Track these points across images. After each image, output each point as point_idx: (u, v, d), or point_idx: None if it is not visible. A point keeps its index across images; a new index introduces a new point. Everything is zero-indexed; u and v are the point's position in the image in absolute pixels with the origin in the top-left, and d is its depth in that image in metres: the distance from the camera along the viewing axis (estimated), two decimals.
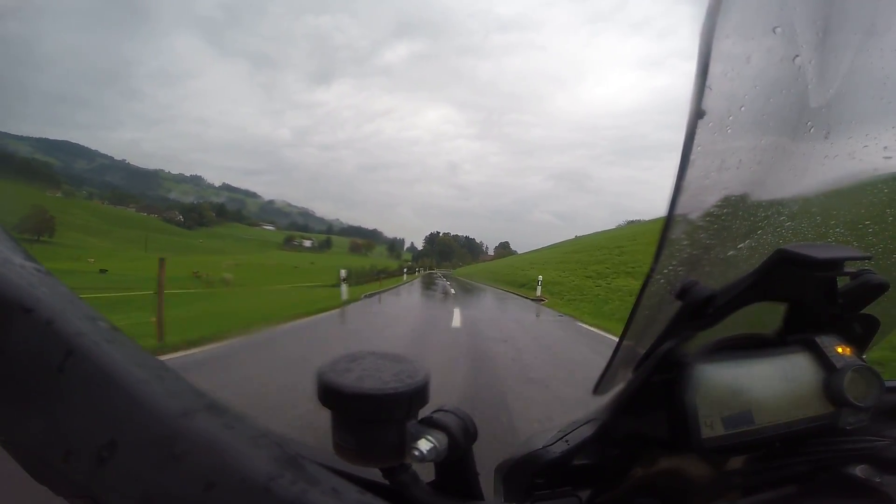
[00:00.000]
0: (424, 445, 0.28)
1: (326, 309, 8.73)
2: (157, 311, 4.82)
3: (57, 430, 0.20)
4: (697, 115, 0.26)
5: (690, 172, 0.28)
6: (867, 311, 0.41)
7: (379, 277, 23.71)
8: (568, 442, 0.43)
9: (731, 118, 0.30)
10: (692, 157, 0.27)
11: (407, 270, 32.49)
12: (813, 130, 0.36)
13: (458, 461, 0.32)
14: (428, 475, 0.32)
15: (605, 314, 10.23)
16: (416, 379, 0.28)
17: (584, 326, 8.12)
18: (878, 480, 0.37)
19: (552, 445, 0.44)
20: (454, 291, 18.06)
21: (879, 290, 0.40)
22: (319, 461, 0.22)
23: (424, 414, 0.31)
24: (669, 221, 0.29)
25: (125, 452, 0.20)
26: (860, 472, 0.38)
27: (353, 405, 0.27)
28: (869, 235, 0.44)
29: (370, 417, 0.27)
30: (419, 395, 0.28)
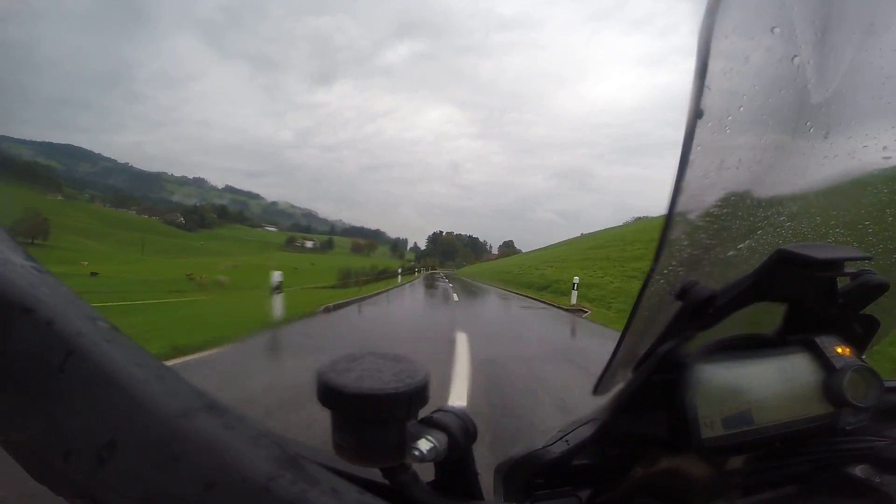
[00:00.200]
0: (424, 445, 0.28)
1: (248, 332, 5.56)
2: None
3: (57, 429, 0.20)
4: (696, 114, 0.26)
5: (690, 172, 0.28)
6: (867, 311, 0.41)
7: (359, 282, 17.08)
8: (568, 442, 0.43)
9: (730, 118, 0.30)
10: (691, 157, 0.27)
11: (402, 271, 26.35)
12: (812, 130, 0.36)
13: (457, 461, 0.32)
14: (428, 475, 0.32)
15: None
16: (416, 379, 0.28)
17: None
18: (878, 480, 0.37)
19: (552, 445, 0.44)
20: (457, 298, 13.93)
21: (879, 290, 0.40)
22: (319, 461, 0.22)
23: (424, 414, 0.31)
24: (669, 221, 0.29)
25: (125, 452, 0.20)
26: (860, 472, 0.38)
27: (353, 405, 0.27)
28: (869, 235, 0.44)
29: (370, 417, 0.27)
30: (419, 395, 0.28)
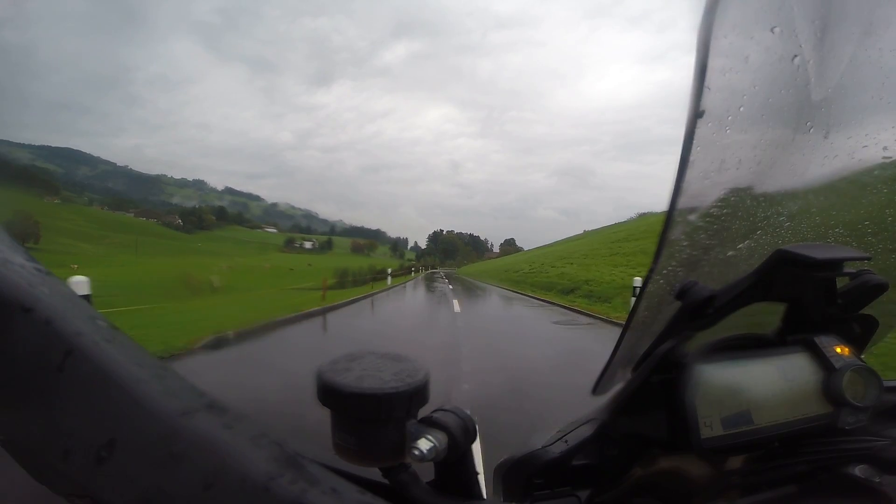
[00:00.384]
0: (424, 445, 0.28)
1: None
2: None
3: (56, 429, 0.20)
4: (696, 114, 0.26)
5: (690, 173, 0.28)
6: (866, 311, 0.41)
7: (323, 287, 11.28)
8: (567, 442, 0.43)
9: (730, 118, 0.30)
10: (691, 157, 0.27)
11: (391, 273, 21.03)
12: (812, 130, 0.36)
13: (457, 461, 0.32)
14: (428, 475, 0.32)
15: None
16: (416, 378, 0.28)
17: None
18: (877, 480, 0.37)
19: (551, 445, 0.44)
20: (458, 308, 10.05)
21: (878, 290, 0.40)
22: (319, 461, 0.22)
23: (424, 413, 0.31)
24: (669, 222, 0.29)
25: (124, 452, 0.20)
26: (859, 472, 0.38)
27: (352, 405, 0.27)
28: (868, 235, 0.44)
29: (370, 417, 0.27)
30: (419, 394, 0.28)
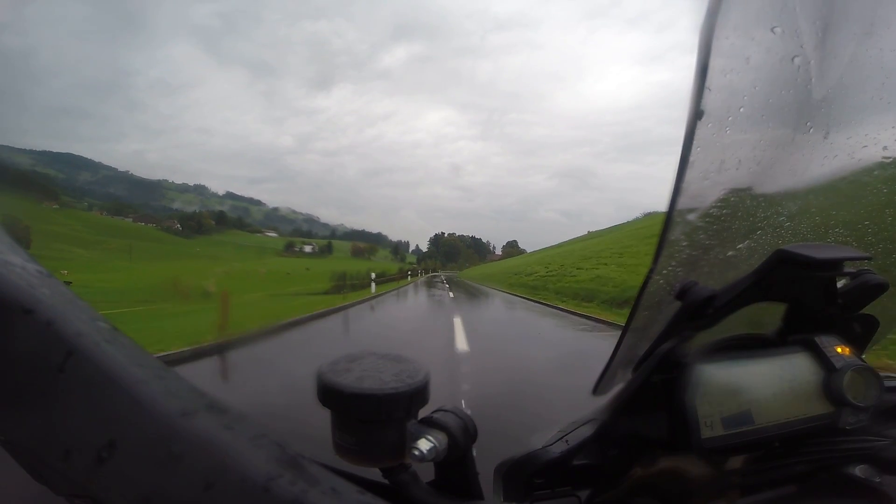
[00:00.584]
0: (424, 445, 0.28)
1: None
2: None
3: (57, 429, 0.20)
4: (696, 115, 0.26)
5: (690, 173, 0.28)
6: (866, 310, 0.41)
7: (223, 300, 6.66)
8: (567, 442, 0.43)
9: (730, 118, 0.30)
10: (691, 157, 0.27)
11: (375, 279, 17.39)
12: (812, 131, 0.36)
13: (457, 461, 0.32)
14: (428, 475, 0.32)
15: None
16: (416, 379, 0.28)
17: None
18: (877, 480, 0.37)
19: (552, 445, 0.44)
20: (466, 347, 5.19)
21: (879, 290, 0.40)
22: (319, 461, 0.22)
23: (424, 414, 0.31)
24: (669, 222, 0.29)
25: (125, 452, 0.20)
26: (860, 472, 0.38)
27: (353, 405, 0.27)
28: (868, 235, 0.44)
29: (370, 417, 0.27)
30: (419, 395, 0.28)
